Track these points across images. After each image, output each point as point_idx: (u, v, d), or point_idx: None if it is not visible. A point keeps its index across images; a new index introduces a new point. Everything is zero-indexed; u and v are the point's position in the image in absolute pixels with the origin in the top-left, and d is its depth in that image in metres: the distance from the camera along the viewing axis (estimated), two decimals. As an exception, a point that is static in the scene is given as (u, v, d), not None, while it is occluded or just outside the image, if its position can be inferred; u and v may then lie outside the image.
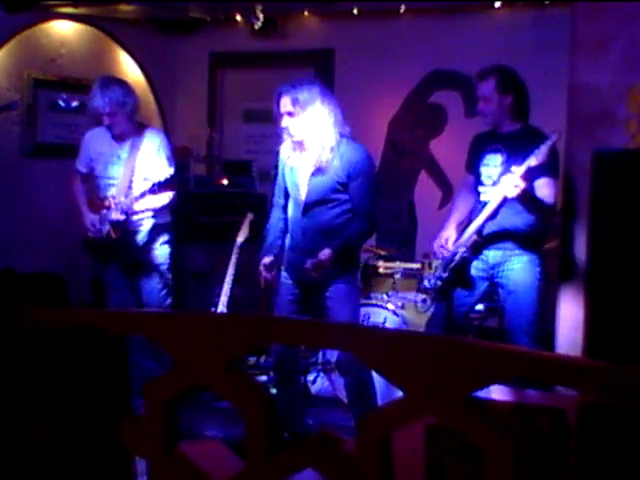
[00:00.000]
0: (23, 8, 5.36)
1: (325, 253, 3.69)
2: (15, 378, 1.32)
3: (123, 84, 4.48)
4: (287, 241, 3.98)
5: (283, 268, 3.98)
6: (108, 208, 4.42)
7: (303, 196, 3.83)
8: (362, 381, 3.87)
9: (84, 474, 1.33)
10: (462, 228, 4.04)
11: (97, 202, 4.49)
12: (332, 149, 3.74)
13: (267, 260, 3.98)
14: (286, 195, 3.99)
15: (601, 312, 3.84)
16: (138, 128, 4.51)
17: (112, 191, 4.47)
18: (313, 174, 3.80)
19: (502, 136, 3.95)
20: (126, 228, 4.42)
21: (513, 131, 3.94)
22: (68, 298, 5.52)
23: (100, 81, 4.42)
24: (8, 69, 5.59)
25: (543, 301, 4.06)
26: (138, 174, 4.43)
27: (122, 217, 4.35)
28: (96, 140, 4.53)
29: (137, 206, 4.36)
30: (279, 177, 4.01)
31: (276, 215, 4.06)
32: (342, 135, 3.78)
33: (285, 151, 3.93)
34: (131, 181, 4.43)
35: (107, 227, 4.41)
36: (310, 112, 3.72)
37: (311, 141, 3.77)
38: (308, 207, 3.81)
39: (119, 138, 4.44)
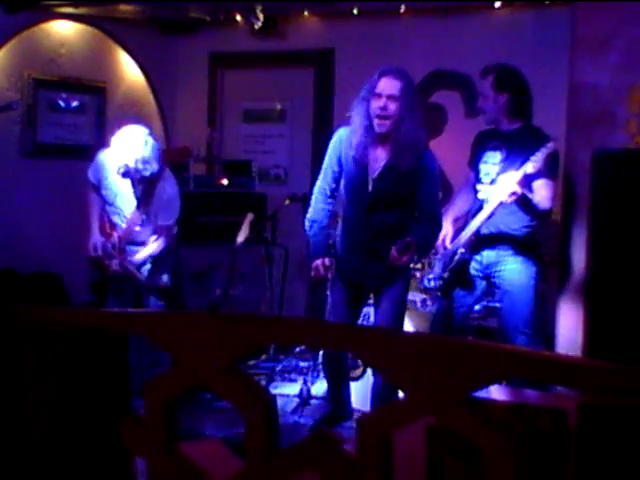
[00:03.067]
0: (23, 8, 5.36)
1: (407, 240, 3.41)
2: (15, 378, 1.32)
3: (151, 148, 4.24)
4: (339, 241, 3.82)
5: (335, 269, 3.81)
6: (113, 245, 4.41)
7: (370, 193, 3.63)
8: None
9: (84, 474, 1.33)
10: (459, 225, 4.05)
11: (107, 229, 4.48)
12: (415, 150, 3.53)
13: (327, 260, 3.72)
14: (336, 184, 3.73)
15: (601, 312, 3.84)
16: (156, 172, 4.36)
17: (117, 219, 4.44)
18: (385, 172, 3.60)
19: (502, 134, 3.96)
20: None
21: (513, 130, 3.94)
22: (68, 298, 5.52)
23: (127, 136, 4.22)
24: (8, 69, 5.59)
25: (540, 301, 4.07)
26: (149, 217, 4.41)
27: (120, 270, 4.36)
28: (109, 169, 4.40)
29: (139, 257, 4.39)
30: (331, 162, 3.71)
31: (320, 206, 3.79)
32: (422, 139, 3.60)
33: (350, 137, 3.62)
34: (142, 224, 4.41)
35: (107, 261, 4.40)
36: (408, 105, 3.51)
37: (397, 136, 3.52)
38: (374, 205, 3.62)
39: (136, 182, 4.36)
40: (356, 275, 3.80)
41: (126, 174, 4.28)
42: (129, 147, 4.21)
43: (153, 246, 4.45)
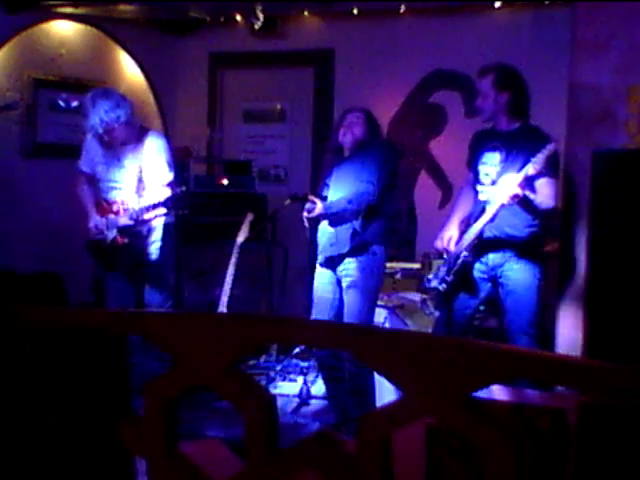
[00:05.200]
0: (23, 8, 5.36)
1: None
2: (15, 378, 1.32)
3: (111, 96, 4.40)
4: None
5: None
6: (116, 213, 4.42)
7: (330, 186, 4.25)
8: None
9: (84, 474, 1.33)
10: (464, 227, 4.04)
11: (105, 205, 4.49)
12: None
13: None
14: None
15: (601, 312, 3.84)
16: (139, 132, 4.49)
17: (114, 194, 4.47)
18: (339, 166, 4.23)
19: (501, 134, 3.95)
20: (133, 234, 4.42)
21: (512, 130, 3.93)
22: (68, 298, 5.52)
23: (89, 99, 4.36)
24: (8, 69, 5.58)
25: (543, 301, 4.06)
26: (143, 178, 4.44)
27: (131, 222, 4.35)
28: (98, 143, 4.52)
29: (147, 215, 4.36)
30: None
31: None
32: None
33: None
34: (138, 187, 4.43)
35: (114, 233, 4.40)
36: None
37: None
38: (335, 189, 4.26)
39: (121, 144, 4.44)
40: (325, 251, 4.21)
41: (107, 131, 4.32)
42: (96, 104, 4.30)
43: (163, 192, 4.39)
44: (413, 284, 5.01)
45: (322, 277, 4.28)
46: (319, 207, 4.07)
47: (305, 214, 4.15)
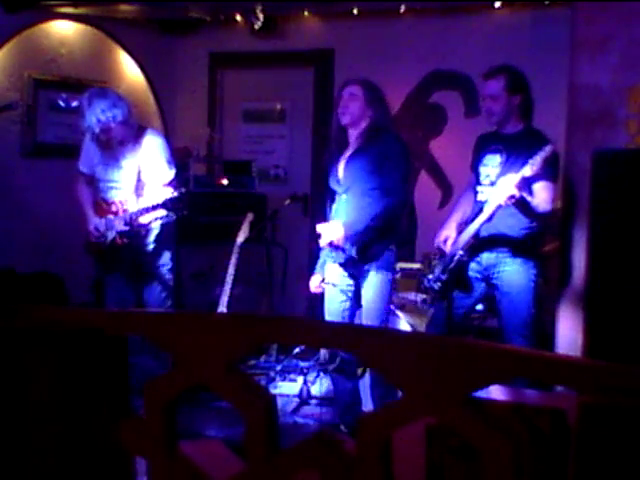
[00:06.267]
0: (23, 8, 5.36)
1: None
2: (15, 378, 1.32)
3: (107, 95, 4.38)
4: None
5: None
6: (115, 213, 4.41)
7: (341, 179, 4.01)
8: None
9: (84, 474, 1.33)
10: (462, 227, 4.05)
11: (104, 206, 4.48)
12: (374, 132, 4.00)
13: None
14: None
15: (601, 312, 3.84)
16: (137, 131, 4.49)
17: (113, 194, 4.47)
18: (353, 155, 3.99)
19: (504, 137, 3.96)
20: (132, 234, 4.42)
21: (515, 132, 3.94)
22: (68, 298, 5.52)
23: (85, 99, 4.35)
24: (8, 69, 5.59)
25: (540, 302, 4.06)
26: (142, 178, 4.44)
27: (126, 228, 4.35)
28: (95, 144, 4.51)
29: (143, 219, 4.36)
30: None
31: None
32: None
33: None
34: (137, 187, 4.43)
35: (113, 233, 4.40)
36: (368, 101, 4.04)
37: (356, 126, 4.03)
38: (346, 184, 4.00)
39: (119, 143, 4.43)
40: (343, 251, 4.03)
41: (103, 131, 4.32)
42: (93, 104, 4.29)
43: (162, 193, 4.36)
44: (413, 284, 5.00)
45: (336, 275, 4.11)
46: (340, 231, 3.87)
47: (327, 246, 3.93)
